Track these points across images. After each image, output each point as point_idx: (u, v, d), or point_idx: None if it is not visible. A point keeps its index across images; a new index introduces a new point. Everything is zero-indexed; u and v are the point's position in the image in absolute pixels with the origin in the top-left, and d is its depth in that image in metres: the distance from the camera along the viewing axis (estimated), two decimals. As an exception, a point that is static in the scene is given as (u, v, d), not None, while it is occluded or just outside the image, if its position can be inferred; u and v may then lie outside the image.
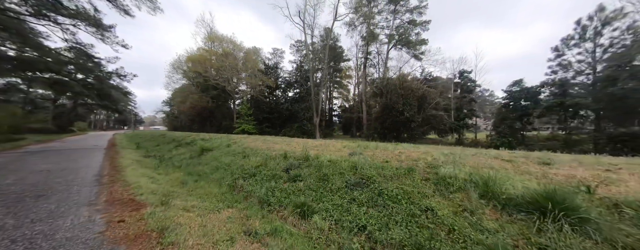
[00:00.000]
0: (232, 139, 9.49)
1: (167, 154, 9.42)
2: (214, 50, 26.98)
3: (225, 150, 7.51)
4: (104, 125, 64.23)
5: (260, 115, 27.69)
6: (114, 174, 5.04)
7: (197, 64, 25.85)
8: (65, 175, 4.68)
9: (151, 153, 10.21)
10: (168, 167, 6.85)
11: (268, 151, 6.43)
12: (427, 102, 17.97)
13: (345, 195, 3.11)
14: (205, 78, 27.55)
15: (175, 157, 8.42)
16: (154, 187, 3.97)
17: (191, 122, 38.63)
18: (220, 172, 5.56)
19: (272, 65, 31.00)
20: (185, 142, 10.78)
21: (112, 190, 3.67)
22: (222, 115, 32.27)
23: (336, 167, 4.03)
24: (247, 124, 25.19)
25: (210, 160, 6.71)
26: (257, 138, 10.53)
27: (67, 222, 2.39)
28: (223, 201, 3.66)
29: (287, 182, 4.14)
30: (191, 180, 5.09)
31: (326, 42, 29.56)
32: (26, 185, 3.80)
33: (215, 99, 29.70)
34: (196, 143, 9.55)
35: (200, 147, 8.13)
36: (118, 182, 4.29)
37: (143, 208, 2.87)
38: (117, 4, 11.77)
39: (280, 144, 7.86)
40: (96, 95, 16.97)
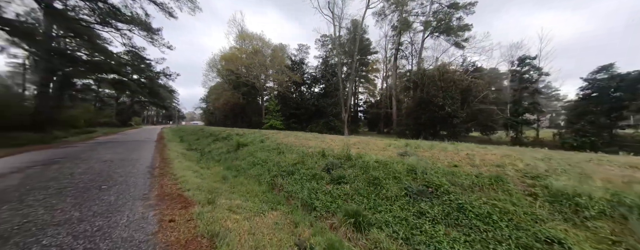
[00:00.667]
0: (265, 135, 9.56)
1: (207, 147, 9.97)
2: (245, 49, 28.08)
3: (259, 145, 7.52)
4: (154, 120, 73.53)
5: (287, 111, 28.16)
6: (163, 166, 5.32)
7: (229, 62, 27.29)
8: (124, 165, 5.08)
9: (193, 146, 10.97)
10: (208, 160, 7.12)
11: (303, 148, 6.17)
12: (472, 95, 15.81)
13: (408, 207, 2.57)
14: (237, 75, 28.99)
15: (214, 151, 8.81)
16: (198, 182, 3.98)
17: (225, 118, 41.52)
18: (258, 168, 5.47)
19: (298, 61, 31.07)
20: (222, 137, 11.31)
21: (162, 184, 3.75)
22: (252, 111, 33.80)
23: (388, 169, 3.49)
24: (275, 120, 25.85)
25: (246, 156, 6.76)
26: (288, 134, 10.47)
27: (124, 218, 2.36)
28: (265, 202, 3.45)
29: (330, 183, 3.76)
30: (231, 176, 5.08)
31: (355, 33, 28.29)
32: (93, 175, 4.14)
33: (246, 96, 31.14)
34: (232, 138, 9.89)
35: (236, 142, 8.32)
36: (167, 175, 4.45)
37: (191, 206, 2.78)
38: (163, 7, 12.77)
39: (313, 140, 7.56)
40: (148, 93, 19.11)
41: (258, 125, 30.43)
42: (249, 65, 26.54)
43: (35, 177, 3.89)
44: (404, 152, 4.16)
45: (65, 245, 1.77)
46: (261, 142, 7.88)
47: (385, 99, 36.78)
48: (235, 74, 29.33)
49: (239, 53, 27.82)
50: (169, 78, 20.92)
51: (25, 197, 2.83)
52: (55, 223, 2.16)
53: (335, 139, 7.76)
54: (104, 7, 14.27)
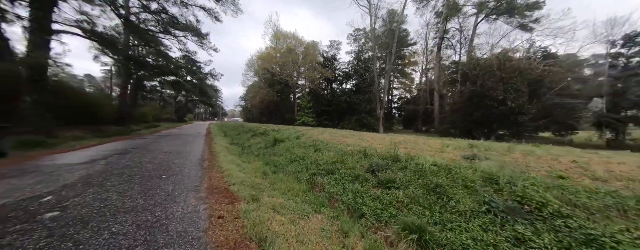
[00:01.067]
0: (300, 131, 9.58)
1: (247, 142, 10.57)
2: (279, 48, 29.10)
3: (295, 142, 7.49)
4: (203, 116, 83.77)
5: (318, 108, 28.25)
6: (211, 159, 5.70)
7: (265, 62, 28.69)
8: (179, 157, 5.60)
9: (235, 141, 11.80)
10: (249, 155, 7.43)
11: (340, 146, 5.82)
12: (545, 86, 12.83)
13: (494, 228, 1.97)
14: (272, 74, 30.38)
15: (253, 146, 9.24)
16: (242, 177, 4.04)
17: (260, 115, 44.33)
18: (295, 165, 5.37)
19: (329, 57, 30.69)
20: (259, 132, 11.85)
21: (210, 176, 3.91)
22: (285, 108, 35.10)
23: (454, 176, 2.86)
24: (307, 117, 26.23)
25: (283, 152, 6.79)
26: (322, 130, 10.28)
27: (179, 209, 2.41)
28: (307, 202, 3.24)
29: (378, 187, 3.32)
30: (270, 171, 5.10)
31: (392, 24, 26.28)
32: (156, 165, 4.62)
33: (280, 93, 32.40)
34: (268, 134, 10.23)
35: (272, 138, 8.52)
36: (214, 168, 4.69)
37: (237, 202, 2.74)
38: (211, 13, 14.02)
39: (350, 137, 7.14)
40: (198, 93, 21.59)
41: (291, 121, 31.46)
42: (283, 63, 27.43)
43: (113, 163, 4.54)
44: (470, 154, 3.40)
45: (130, 234, 1.82)
46: (297, 139, 7.86)
47: (424, 94, 33.46)
48: (270, 72, 30.79)
49: (274, 52, 29.00)
50: (215, 78, 23.36)
51: (105, 182, 3.23)
52: (124, 210, 2.32)
53: (374, 136, 7.18)
54: (165, 17, 16.48)
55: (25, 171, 3.74)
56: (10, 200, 2.39)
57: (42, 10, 8.04)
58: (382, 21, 30.07)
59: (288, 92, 35.12)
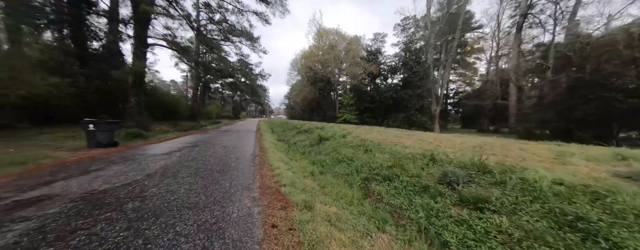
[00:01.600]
0: (345, 129, 9.10)
1: (292, 139, 10.83)
2: (322, 45, 29.15)
3: (341, 141, 7.07)
4: (253, 114, 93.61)
5: (361, 105, 27.06)
6: (261, 155, 5.88)
7: (308, 60, 29.27)
8: (235, 152, 5.99)
9: (281, 138, 12.30)
10: (295, 152, 7.44)
11: (396, 147, 5.05)
12: None
13: None
14: (314, 72, 30.83)
15: (299, 143, 9.33)
16: (291, 177, 3.87)
17: (303, 112, 46.06)
18: (344, 167, 4.94)
19: (374, 50, 28.82)
20: (304, 130, 11.98)
21: (262, 174, 3.88)
22: (327, 105, 35.22)
23: (611, 206, 1.82)
24: (349, 114, 25.49)
25: (329, 151, 6.47)
26: (370, 129, 9.49)
27: (234, 211, 2.32)
28: (365, 214, 2.75)
29: (460, 206, 2.53)
30: (317, 172, 4.82)
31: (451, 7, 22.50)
32: (216, 158, 4.98)
33: (322, 91, 32.62)
34: (313, 131, 10.16)
35: (317, 136, 8.33)
36: (265, 165, 4.73)
37: (290, 208, 2.49)
38: (262, 16, 15.01)
39: (405, 138, 6.21)
40: (250, 92, 23.84)
41: (332, 119, 31.31)
42: (325, 60, 27.34)
43: (185, 156, 5.14)
44: (629, 172, 2.17)
45: (190, 237, 1.75)
46: (343, 137, 7.41)
47: (492, 86, 27.52)
48: (312, 70, 31.33)
49: (316, 50, 29.26)
50: (264, 78, 25.40)
51: (177, 174, 3.55)
52: (189, 205, 2.37)
53: (437, 137, 6.03)
54: (226, 26, 18.70)
55: (126, 159, 4.54)
56: (109, 187, 2.80)
57: (142, 28, 10.10)
58: (438, 4, 26.11)
59: (329, 90, 35.05)
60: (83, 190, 2.65)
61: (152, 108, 15.24)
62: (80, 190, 2.65)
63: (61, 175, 3.19)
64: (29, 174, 3.19)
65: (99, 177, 3.17)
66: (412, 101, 22.52)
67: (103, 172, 3.47)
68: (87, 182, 2.95)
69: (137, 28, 10.03)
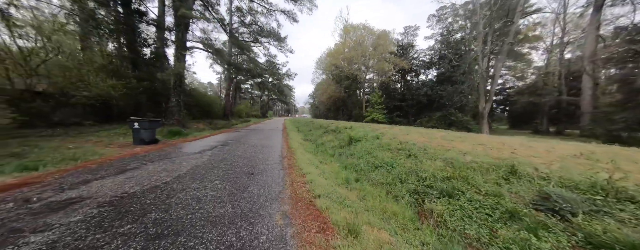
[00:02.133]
0: (377, 129, 8.28)
1: (319, 139, 10.41)
2: (348, 42, 28.16)
3: (375, 142, 6.33)
4: (279, 113, 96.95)
5: (390, 103, 25.38)
6: (289, 156, 5.54)
7: (333, 58, 28.60)
8: (263, 152, 5.77)
9: (307, 137, 12.00)
10: (323, 154, 6.96)
11: (449, 153, 4.17)
12: None
13: None
14: (340, 69, 30.04)
15: (326, 143, 8.85)
16: (324, 185, 3.37)
17: (327, 111, 45.67)
18: (382, 173, 4.26)
19: (405, 44, 26.66)
20: (331, 129, 11.45)
21: (292, 180, 3.47)
22: (353, 104, 34.13)
23: None
24: (377, 113, 24.12)
25: (362, 153, 5.82)
26: (406, 129, 8.49)
27: (264, 230, 1.91)
28: (428, 246, 2.08)
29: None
30: (352, 178, 4.23)
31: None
32: (245, 159, 4.78)
33: (348, 89, 31.66)
34: (342, 131, 9.56)
35: (347, 136, 7.72)
36: (294, 168, 4.34)
37: (329, 231, 1.98)
38: (289, 14, 14.92)
39: (457, 141, 5.20)
40: (277, 91, 24.32)
41: (358, 118, 30.16)
42: (351, 57, 26.31)
43: (216, 155, 5.07)
44: None
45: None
46: (377, 139, 6.66)
47: (554, 79, 22.97)
48: (338, 68, 30.59)
49: (343, 47, 28.39)
50: (290, 78, 25.70)
51: (205, 177, 3.34)
52: (213, 219, 2.05)
53: (504, 141, 4.88)
54: (255, 28, 19.31)
55: (162, 157, 4.61)
56: (139, 189, 2.67)
57: (182, 33, 10.80)
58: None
59: (356, 88, 33.87)
60: (113, 192, 2.56)
61: (191, 107, 16.46)
62: (111, 192, 2.56)
63: (100, 174, 3.23)
64: (75, 171, 3.32)
65: (132, 178, 3.13)
66: (451, 98, 20.09)
67: (137, 171, 3.46)
68: (120, 183, 2.91)
69: (178, 32, 10.76)
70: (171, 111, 11.01)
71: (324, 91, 37.08)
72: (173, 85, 10.97)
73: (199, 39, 11.72)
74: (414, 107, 23.72)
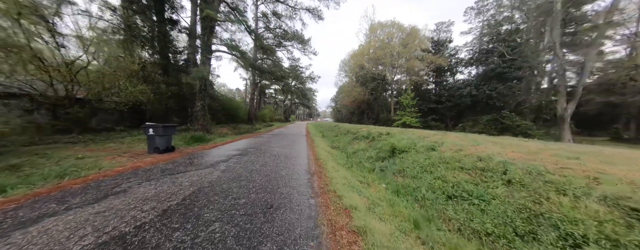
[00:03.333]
0: (426, 137, 6.59)
1: (349, 147, 9.03)
2: (374, 42, 26.42)
3: (432, 155, 4.73)
4: (302, 117, 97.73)
5: (424, 106, 22.71)
6: (319, 172, 4.31)
7: (359, 58, 27.07)
8: (287, 166, 4.66)
9: (334, 144, 10.70)
10: (360, 168, 5.58)
11: (600, 186, 2.46)
12: None
13: None
14: (366, 71, 28.31)
15: (360, 153, 7.44)
16: (383, 233, 2.02)
17: (351, 115, 43.86)
18: (470, 211, 2.74)
19: (441, 40, 23.83)
20: (362, 135, 9.97)
21: (331, 223, 2.18)
22: (379, 107, 31.90)
23: None
24: (409, 116, 21.70)
25: (417, 171, 4.29)
26: (473, 138, 6.58)
27: None
28: None
29: None
30: (420, 217, 2.77)
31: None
32: (264, 177, 3.70)
33: (374, 91, 29.67)
34: (379, 138, 8.04)
35: (389, 146, 6.21)
36: (329, 194, 3.07)
37: None
38: (314, 12, 14.11)
39: (584, 157, 3.35)
40: (301, 95, 23.71)
41: (386, 122, 27.83)
42: (379, 57, 24.47)
43: (229, 169, 4.11)
44: None
45: None
46: (432, 150, 5.03)
47: None
48: (363, 69, 28.92)
49: (368, 47, 26.73)
50: (313, 81, 25.00)
51: (203, 212, 2.28)
52: None
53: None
54: (280, 31, 19.13)
55: (166, 173, 3.78)
56: (108, 232, 1.67)
57: (207, 35, 10.63)
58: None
59: (383, 90, 31.65)
60: (77, 235, 1.61)
61: (216, 112, 16.55)
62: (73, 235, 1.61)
63: (70, 203, 2.39)
64: (46, 196, 2.55)
65: (112, 208, 2.22)
66: (504, 98, 16.83)
67: (124, 196, 2.57)
68: (95, 213, 2.00)
69: (203, 35, 10.64)
70: (196, 116, 10.80)
71: (348, 94, 35.60)
72: (198, 89, 10.79)
73: (224, 42, 11.49)
74: (453, 110, 20.73)
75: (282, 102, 51.78)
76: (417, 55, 23.56)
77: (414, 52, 22.91)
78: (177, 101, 12.01)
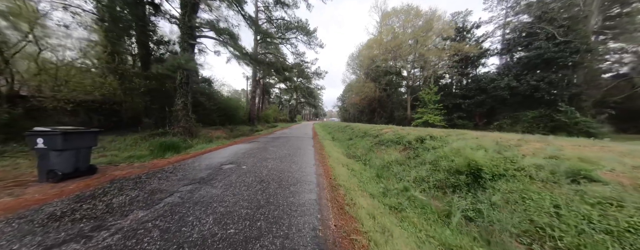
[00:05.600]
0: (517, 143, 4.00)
1: (373, 156, 6.50)
2: (388, 31, 23.58)
3: (575, 191, 2.18)
4: (308, 117, 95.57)
5: (447, 102, 19.74)
6: (335, 200, 1.86)
7: (370, 50, 24.33)
8: (283, 205, 2.21)
9: (350, 150, 8.19)
10: (418, 207, 3.06)
11: None
12: None
13: None
14: (377, 65, 25.53)
15: (393, 166, 4.91)
16: None
17: (360, 114, 41.01)
18: None
19: (467, 27, 20.73)
20: (389, 140, 7.40)
21: None
22: (393, 104, 28.96)
23: None
24: (431, 114, 18.80)
25: (572, 234, 1.76)
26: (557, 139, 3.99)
27: None
28: None
29: None
30: None
31: None
32: (252, 207, 1.20)
33: (388, 86, 26.80)
34: (420, 145, 5.47)
35: (463, 162, 3.62)
36: None
37: None
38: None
39: None
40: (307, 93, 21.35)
41: (401, 121, 24.90)
42: (395, 46, 21.63)
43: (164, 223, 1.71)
44: None
45: None
46: (575, 183, 2.48)
47: None
48: (375, 62, 26.13)
49: (381, 36, 23.93)
50: (320, 76, 22.66)
51: None
52: None
53: None
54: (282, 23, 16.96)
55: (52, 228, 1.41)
56: None
57: (188, 16, 8.44)
58: None
59: (397, 85, 28.70)
60: None
61: (211, 112, 14.42)
62: None
63: None
64: None
65: None
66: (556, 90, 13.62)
67: None
68: None
69: (183, 15, 8.46)
70: (176, 116, 8.62)
71: (358, 91, 32.87)
72: (178, 83, 8.61)
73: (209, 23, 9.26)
74: (483, 105, 17.65)
75: (287, 102, 49.73)
76: (437, 44, 20.63)
77: (435, 41, 20.01)
78: (158, 99, 9.91)
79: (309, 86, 25.59)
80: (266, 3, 17.87)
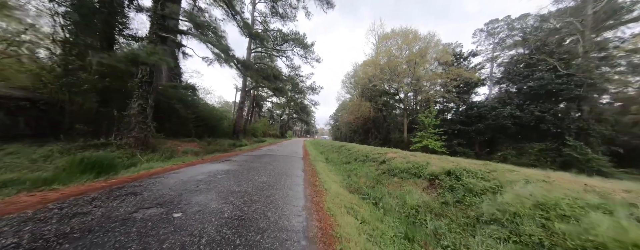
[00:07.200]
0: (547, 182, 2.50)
1: (381, 190, 4.77)
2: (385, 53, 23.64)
3: None
4: (299, 133, 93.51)
5: (447, 128, 18.95)
6: None
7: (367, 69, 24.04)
8: None
9: (351, 180, 6.36)
10: None
11: None
12: None
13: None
14: (374, 84, 25.11)
15: (425, 217, 3.23)
16: None
17: (353, 134, 39.79)
18: None
19: (464, 54, 21.14)
20: (403, 170, 5.76)
21: None
22: (388, 126, 28.02)
23: None
24: (431, 139, 17.70)
25: None
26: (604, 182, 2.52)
27: None
28: None
29: None
30: None
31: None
32: None
33: (384, 107, 26.10)
34: (452, 181, 3.85)
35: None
36: None
37: None
38: (322, 0, 11.03)
39: None
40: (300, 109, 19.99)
41: (398, 143, 23.68)
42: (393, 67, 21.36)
43: None
44: None
45: None
46: None
47: None
48: (372, 82, 25.76)
49: (379, 57, 23.90)
50: (315, 91, 21.60)
51: None
52: None
53: None
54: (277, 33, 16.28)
55: None
56: None
57: (160, 3, 7.04)
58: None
59: (393, 107, 28.20)
60: None
61: (187, 121, 12.40)
62: None
63: None
64: None
65: None
66: (562, 123, 13.04)
67: None
68: None
69: (155, 1, 7.07)
70: (127, 123, 6.62)
71: (353, 110, 32.08)
72: (138, 82, 6.82)
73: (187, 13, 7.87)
74: (486, 133, 16.87)
75: (279, 117, 48.12)
76: (435, 68, 20.64)
77: (433, 64, 20.00)
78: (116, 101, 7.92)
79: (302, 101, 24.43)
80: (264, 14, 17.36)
